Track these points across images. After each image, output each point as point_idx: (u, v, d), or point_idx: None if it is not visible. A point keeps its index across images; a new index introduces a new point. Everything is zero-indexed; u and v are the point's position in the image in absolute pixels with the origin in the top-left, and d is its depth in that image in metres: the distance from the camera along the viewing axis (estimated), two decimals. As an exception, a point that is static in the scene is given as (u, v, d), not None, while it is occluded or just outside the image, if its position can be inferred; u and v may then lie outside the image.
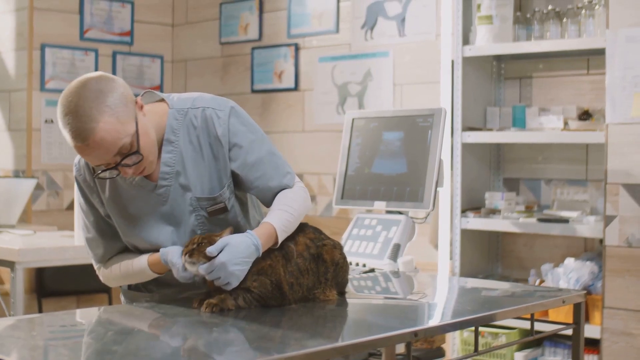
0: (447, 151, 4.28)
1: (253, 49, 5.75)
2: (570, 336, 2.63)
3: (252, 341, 1.94)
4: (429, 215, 3.23)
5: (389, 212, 3.23)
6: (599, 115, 4.11)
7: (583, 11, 4.05)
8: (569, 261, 3.96)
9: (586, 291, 2.69)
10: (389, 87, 5.03)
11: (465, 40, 4.32)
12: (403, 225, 3.12)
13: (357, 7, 5.19)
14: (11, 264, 3.85)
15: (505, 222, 4.13)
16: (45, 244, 4.03)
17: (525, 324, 3.93)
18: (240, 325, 2.08)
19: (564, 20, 4.12)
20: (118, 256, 2.46)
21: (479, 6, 4.26)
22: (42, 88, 5.63)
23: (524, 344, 4.06)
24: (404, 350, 2.25)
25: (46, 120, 5.63)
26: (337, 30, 5.30)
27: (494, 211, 4.24)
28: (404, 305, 2.52)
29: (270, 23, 5.69)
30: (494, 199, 4.26)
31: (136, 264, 2.39)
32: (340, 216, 5.19)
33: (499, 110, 4.40)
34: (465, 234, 4.28)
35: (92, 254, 2.49)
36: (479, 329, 2.37)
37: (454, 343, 4.22)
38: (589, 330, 3.71)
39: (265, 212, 2.40)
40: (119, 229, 2.42)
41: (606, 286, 3.74)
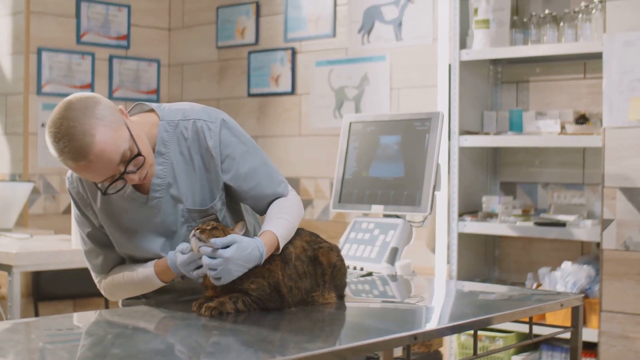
0: (444, 155, 4.29)
1: (250, 53, 5.75)
2: (568, 340, 2.64)
3: (251, 344, 1.94)
4: (426, 219, 3.23)
5: (386, 216, 3.23)
6: (595, 119, 4.12)
7: (580, 15, 4.06)
8: (566, 265, 3.97)
9: (584, 295, 2.69)
10: (385, 91, 5.03)
11: (462, 44, 4.33)
12: (400, 229, 3.13)
13: (354, 11, 5.19)
14: (8, 268, 3.84)
15: (502, 226, 4.13)
16: (42, 248, 4.03)
17: (522, 328, 3.94)
18: (240, 329, 2.08)
19: (561, 24, 4.13)
20: (119, 267, 2.45)
21: (475, 10, 4.27)
22: (39, 92, 5.63)
23: (522, 348, 4.06)
24: (401, 354, 2.25)
25: (43, 124, 5.63)
26: (334, 34, 5.30)
27: (491, 215, 4.25)
28: (401, 308, 2.52)
29: (267, 27, 5.69)
30: (491, 202, 4.27)
31: (141, 272, 2.38)
32: (337, 220, 5.19)
33: (496, 114, 4.41)
34: (463, 238, 4.28)
35: (92, 265, 2.48)
36: (477, 332, 2.37)
37: (451, 347, 4.22)
38: (586, 334, 3.72)
39: (261, 219, 2.41)
40: (112, 240, 2.42)
41: (603, 289, 3.75)
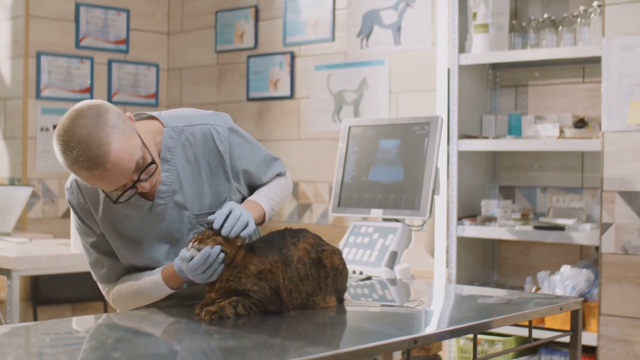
0: (443, 159, 4.29)
1: (249, 57, 5.76)
2: (567, 343, 2.63)
3: (252, 349, 1.94)
4: (426, 223, 3.23)
5: (385, 220, 3.23)
6: (594, 123, 4.13)
7: (579, 19, 4.06)
8: (565, 268, 3.97)
9: (583, 298, 2.69)
10: (384, 95, 5.03)
11: (461, 49, 4.34)
12: (400, 233, 3.13)
13: (353, 16, 5.20)
14: (7, 272, 3.84)
15: (501, 230, 4.13)
16: (41, 252, 4.03)
17: (521, 332, 3.94)
18: (240, 333, 2.08)
19: (560, 28, 4.14)
20: (126, 276, 2.44)
21: (474, 14, 4.28)
22: (38, 96, 5.63)
23: (521, 351, 4.06)
24: (401, 358, 2.25)
25: (42, 129, 5.63)
26: (333, 38, 5.31)
27: (490, 219, 4.25)
28: (401, 312, 2.52)
29: (265, 31, 5.69)
30: (490, 206, 4.27)
31: (149, 279, 2.38)
32: (336, 224, 5.19)
33: (494, 118, 4.41)
34: (462, 242, 4.29)
35: (98, 276, 2.47)
36: (477, 336, 2.38)
37: (451, 350, 4.22)
38: (585, 338, 3.72)
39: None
40: (115, 251, 2.42)
41: (602, 293, 3.75)
